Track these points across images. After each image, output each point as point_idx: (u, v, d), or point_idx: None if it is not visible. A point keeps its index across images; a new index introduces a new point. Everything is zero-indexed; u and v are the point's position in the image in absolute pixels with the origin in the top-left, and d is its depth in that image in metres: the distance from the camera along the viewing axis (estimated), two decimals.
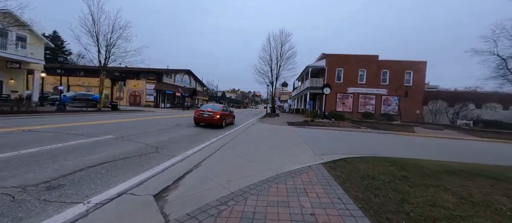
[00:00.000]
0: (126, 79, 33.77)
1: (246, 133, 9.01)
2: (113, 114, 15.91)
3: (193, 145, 6.21)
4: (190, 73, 44.89)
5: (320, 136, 9.31)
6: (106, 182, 3.16)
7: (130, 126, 9.28)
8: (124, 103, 33.81)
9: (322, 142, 7.76)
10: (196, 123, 11.17)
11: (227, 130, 10.22)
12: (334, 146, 6.99)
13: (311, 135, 9.39)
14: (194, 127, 10.28)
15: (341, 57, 24.14)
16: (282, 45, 30.94)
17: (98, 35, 16.88)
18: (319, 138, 8.78)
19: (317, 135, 9.58)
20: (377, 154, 5.76)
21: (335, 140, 8.62)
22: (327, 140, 8.25)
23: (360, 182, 3.23)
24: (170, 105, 36.15)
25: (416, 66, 23.20)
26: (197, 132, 8.89)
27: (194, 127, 10.28)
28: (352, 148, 6.87)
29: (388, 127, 14.04)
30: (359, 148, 6.99)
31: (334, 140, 8.46)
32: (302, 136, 8.98)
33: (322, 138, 8.86)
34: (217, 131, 9.57)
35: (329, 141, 8.05)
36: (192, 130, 9.41)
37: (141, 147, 5.49)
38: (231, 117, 13.27)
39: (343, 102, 24.32)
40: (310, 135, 9.36)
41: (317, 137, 8.91)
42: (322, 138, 8.88)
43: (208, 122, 10.77)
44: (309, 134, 9.91)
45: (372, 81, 23.77)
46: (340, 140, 8.52)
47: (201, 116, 10.84)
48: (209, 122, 10.72)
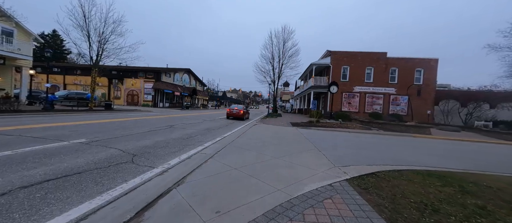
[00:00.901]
0: (123, 78, 32.82)
1: (246, 136, 7.89)
2: (104, 113, 14.87)
3: (182, 151, 5.11)
4: (190, 72, 43.89)
5: (330, 139, 8.17)
6: (28, 218, 2.05)
7: (114, 126, 8.20)
8: (121, 103, 32.88)
9: (335, 146, 6.61)
10: (227, 117, 16.28)
11: (226, 131, 9.12)
12: (352, 152, 5.84)
13: (320, 138, 8.25)
14: (188, 129, 9.19)
15: (347, 55, 22.95)
16: (285, 42, 29.81)
17: (89, 30, 15.86)
18: (331, 141, 7.64)
19: (327, 138, 8.44)
20: (411, 165, 4.63)
21: (350, 144, 7.48)
22: (340, 144, 7.10)
23: (420, 219, 2.10)
24: (169, 105, 35.16)
25: (427, 64, 21.95)
26: (190, 134, 7.80)
27: (188, 129, 9.19)
28: (374, 155, 5.72)
29: (402, 129, 12.85)
30: (383, 155, 5.84)
31: (349, 144, 7.31)
32: (309, 138, 7.85)
33: (333, 141, 7.72)
34: (214, 133, 8.47)
35: (343, 146, 6.90)
36: (186, 131, 8.32)
37: (114, 154, 4.39)
38: (247, 113, 18.43)
39: (349, 102, 23.12)
40: (319, 138, 8.22)
41: (328, 141, 7.77)
42: (334, 141, 7.73)
43: (235, 116, 16.04)
44: (317, 136, 8.78)
45: (380, 79, 22.55)
46: (356, 145, 7.37)
47: (231, 112, 16.17)
48: (236, 116, 16.03)
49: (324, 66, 24.24)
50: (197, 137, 7.21)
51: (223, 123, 13.29)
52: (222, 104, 76.55)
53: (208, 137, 7.38)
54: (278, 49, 30.27)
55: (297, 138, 8.01)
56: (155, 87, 31.62)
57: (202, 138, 7.19)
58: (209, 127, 10.26)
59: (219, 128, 10.26)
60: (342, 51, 23.05)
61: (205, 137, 7.33)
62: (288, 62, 30.20)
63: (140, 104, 32.39)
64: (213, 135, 8.06)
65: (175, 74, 38.24)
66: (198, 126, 10.37)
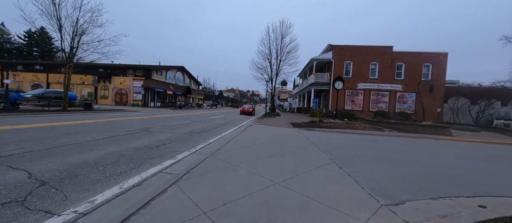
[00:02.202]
0: (111, 76, 30.75)
1: (237, 142, 6.17)
2: (76, 114, 12.99)
3: (135, 171, 3.37)
4: (183, 70, 41.91)
5: (344, 145, 6.49)
6: None
7: (67, 131, 6.40)
8: (109, 103, 30.85)
9: (357, 158, 4.93)
10: (240, 113, 22.48)
11: (213, 135, 7.38)
12: (388, 169, 4.14)
13: (330, 143, 6.57)
14: (165, 133, 7.44)
15: (350, 49, 21.34)
16: (283, 37, 28.18)
17: (60, 17, 13.90)
18: (346, 149, 5.96)
19: (339, 143, 6.76)
20: (484, 190, 2.96)
21: (374, 152, 5.81)
22: (362, 154, 5.42)
23: None
24: (160, 105, 33.22)
25: (436, 58, 20.46)
26: (164, 140, 6.04)
27: (165, 133, 7.44)
28: (423, 173, 4.03)
29: (417, 129, 11.27)
30: (436, 173, 4.12)
31: (373, 154, 5.64)
32: (318, 144, 6.15)
33: (350, 148, 6.04)
34: (196, 138, 6.72)
35: (368, 156, 5.22)
36: (161, 137, 6.56)
37: (9, 183, 2.62)
38: (254, 110, 24.73)
39: (352, 100, 21.54)
40: (328, 143, 6.54)
41: (342, 148, 6.08)
42: (351, 148, 6.05)
43: (247, 113, 22.27)
44: (325, 140, 7.10)
45: (385, 75, 21.00)
46: (383, 154, 5.70)
47: (244, 109, 22.72)
48: (247, 112, 22.37)
49: (325, 61, 22.61)
50: (172, 145, 5.46)
51: (214, 124, 11.54)
52: (219, 103, 74.66)
53: (187, 144, 5.64)
54: (276, 44, 28.62)
55: (302, 143, 6.31)
56: (145, 86, 29.63)
57: (178, 145, 5.44)
58: (194, 130, 8.50)
59: (207, 131, 8.52)
60: (345, 45, 21.43)
61: (182, 144, 5.59)
62: (286, 58, 28.58)
63: (129, 104, 30.39)
64: (195, 140, 6.31)
65: (168, 72, 36.24)
66: (181, 129, 8.61)
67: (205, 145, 5.70)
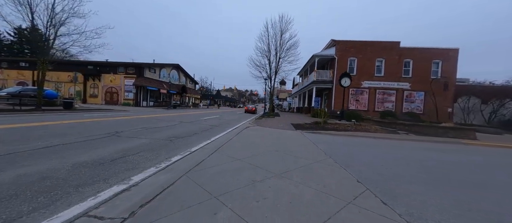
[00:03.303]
0: (101, 73, 29.10)
1: (228, 150, 4.72)
2: (47, 114, 11.47)
3: (67, 202, 1.90)
4: (179, 68, 40.32)
5: (365, 156, 5.07)
6: None
7: (9, 136, 4.90)
8: (98, 102, 29.22)
9: (400, 182, 3.50)
10: (245, 111, 27.56)
11: (199, 141, 5.92)
12: (457, 203, 2.74)
13: (348, 153, 5.15)
14: (134, 141, 5.97)
15: (354, 44, 19.97)
16: (282, 33, 26.74)
17: (31, 3, 12.35)
18: (375, 164, 4.52)
19: (357, 153, 5.34)
20: None
21: (412, 168, 4.40)
22: (401, 173, 3.99)
23: None
24: (153, 104, 31.64)
25: (446, 55, 19.17)
26: (133, 149, 4.58)
27: (134, 141, 5.97)
28: (502, 210, 2.63)
29: (437, 131, 9.90)
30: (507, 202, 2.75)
31: (413, 171, 4.23)
32: (333, 155, 4.73)
33: (379, 164, 4.61)
34: (172, 147, 5.25)
35: (411, 176, 3.80)
36: (130, 143, 5.11)
37: None
38: (256, 109, 30.12)
39: (356, 99, 20.18)
40: (346, 153, 5.12)
41: (367, 161, 4.66)
42: (380, 163, 4.62)
43: (250, 112, 27.36)
44: (339, 148, 5.67)
45: (392, 73, 19.67)
46: (425, 171, 4.29)
47: (248, 109, 28.63)
48: (250, 111, 27.40)
49: (328, 58, 21.22)
50: (137, 157, 3.99)
51: (205, 125, 10.08)
52: (216, 103, 73.09)
53: (158, 155, 4.17)
54: (275, 40, 27.18)
55: (311, 152, 4.88)
56: (137, 84, 28.03)
57: (145, 157, 3.97)
58: (179, 134, 7.04)
59: (193, 135, 7.06)
60: (349, 40, 20.05)
61: (153, 155, 4.12)
62: (286, 55, 27.16)
63: (120, 103, 28.79)
64: (173, 148, 4.86)
65: (162, 70, 34.64)
66: (163, 132, 7.14)
67: (183, 156, 4.24)
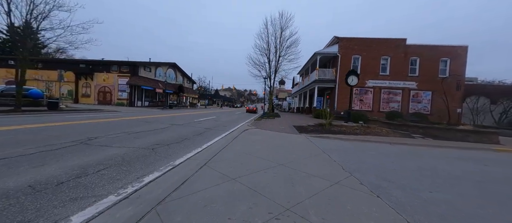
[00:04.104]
0: (93, 72, 27.94)
1: (220, 164, 3.71)
2: (22, 116, 10.41)
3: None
4: (175, 66, 39.19)
5: (391, 167, 4.07)
6: None
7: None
8: (91, 101, 28.07)
9: (467, 215, 2.50)
10: (246, 111, 29.55)
11: (186, 151, 4.91)
12: None
13: (372, 168, 4.14)
14: (111, 148, 4.94)
15: (358, 42, 19.02)
16: (282, 30, 25.79)
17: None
18: (414, 187, 3.52)
19: (381, 166, 4.33)
20: None
21: (471, 196, 3.41)
22: (452, 199, 3.00)
23: None
24: (149, 104, 30.53)
25: (454, 53, 18.27)
26: (97, 163, 3.55)
27: (111, 148, 4.94)
28: None
29: (456, 135, 8.95)
30: None
31: (472, 199, 3.25)
32: (354, 170, 3.72)
33: (420, 186, 3.61)
34: (156, 159, 4.21)
35: (480, 215, 2.81)
36: (99, 155, 4.08)
37: None
38: (257, 109, 32.43)
39: (360, 98, 19.24)
40: (371, 168, 4.11)
41: (399, 179, 3.65)
42: (421, 186, 3.62)
43: (251, 111, 29.38)
44: (356, 158, 4.67)
45: (397, 72, 18.74)
46: (488, 200, 3.31)
47: (249, 109, 30.64)
48: (252, 111, 29.73)
49: (330, 56, 20.25)
50: (96, 177, 2.96)
51: (199, 128, 9.05)
52: (214, 103, 71.99)
53: (128, 174, 3.15)
54: (275, 38, 26.21)
55: (329, 169, 3.87)
56: (131, 83, 26.90)
57: (108, 177, 2.94)
58: (165, 140, 6.01)
59: (183, 141, 6.04)
60: (353, 37, 19.10)
61: (122, 173, 3.09)
62: (286, 53, 26.20)
63: (114, 103, 27.66)
64: (152, 161, 3.83)
65: (157, 68, 33.51)
66: (147, 138, 6.10)
67: (162, 173, 3.23)
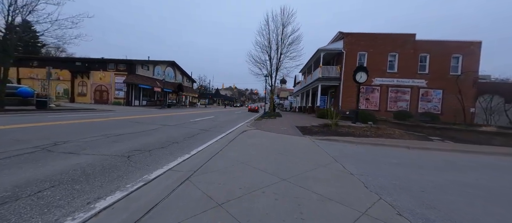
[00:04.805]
0: (89, 70, 27.20)
1: (207, 177, 2.81)
2: (4, 116, 9.58)
3: None
4: (174, 65, 38.39)
5: (425, 184, 3.15)
6: None
7: None
8: (87, 100, 27.34)
9: None
10: (249, 111, 30.06)
11: (175, 156, 4.04)
12: None
13: (401, 184, 3.22)
14: (77, 157, 4.06)
15: (364, 37, 18.04)
16: (284, 27, 24.89)
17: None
18: (452, 200, 2.60)
19: (413, 180, 3.41)
20: None
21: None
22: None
23: None
24: (146, 103, 29.76)
25: (467, 49, 17.24)
26: (38, 182, 2.67)
27: (77, 157, 4.06)
28: None
29: (479, 137, 8.00)
30: None
31: None
32: (383, 190, 2.81)
33: (467, 207, 2.69)
34: (126, 171, 3.34)
35: None
36: (56, 166, 3.21)
37: None
38: (259, 108, 33.83)
39: (366, 97, 18.28)
40: (398, 184, 3.19)
41: (438, 198, 2.73)
42: (470, 209, 2.70)
43: (253, 110, 29.97)
44: (378, 170, 3.76)
45: (406, 69, 17.75)
46: None
47: (251, 108, 31.29)
48: (254, 110, 30.29)
49: (335, 52, 19.30)
50: (12, 207, 2.09)
51: (194, 130, 8.18)
52: (215, 102, 71.22)
53: (72, 199, 2.27)
54: (276, 35, 25.33)
55: (347, 189, 2.95)
56: (128, 82, 26.11)
57: (21, 213, 2.07)
58: (145, 146, 5.14)
59: (170, 145, 5.17)
60: (359, 32, 18.13)
61: (66, 199, 2.22)
62: (288, 51, 25.30)
63: (111, 103, 26.91)
64: (110, 181, 2.95)
65: (156, 67, 32.72)
66: (124, 143, 5.24)
67: (122, 197, 2.35)
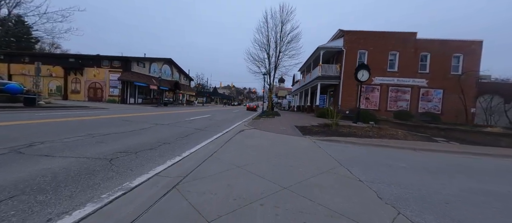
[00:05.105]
0: (83, 67, 26.51)
1: (196, 186, 2.40)
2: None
3: None
4: (171, 62, 37.75)
5: (456, 197, 2.78)
6: None
7: None
8: (81, 98, 26.68)
9: None
10: (247, 109, 29.60)
11: (164, 160, 3.62)
12: None
13: (423, 195, 2.84)
14: (45, 161, 3.61)
15: (365, 35, 17.71)
16: (283, 24, 24.46)
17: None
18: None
19: (433, 191, 3.04)
20: None
21: None
22: None
23: None
24: (142, 101, 29.17)
25: (468, 48, 17.02)
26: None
27: (45, 161, 3.61)
28: None
29: (486, 138, 7.70)
30: None
31: None
32: (401, 204, 2.43)
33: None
34: (100, 182, 2.92)
35: None
36: (23, 172, 2.75)
37: None
38: (257, 107, 32.97)
39: (366, 96, 17.98)
40: (420, 195, 2.81)
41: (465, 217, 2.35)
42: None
43: (252, 109, 29.41)
44: (392, 176, 3.38)
45: (407, 68, 17.48)
46: None
47: (250, 106, 30.56)
48: (252, 109, 29.40)
49: (334, 51, 18.95)
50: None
51: (187, 130, 7.75)
52: (213, 100, 70.65)
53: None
54: (275, 33, 24.91)
55: (362, 206, 2.58)
56: (122, 79, 25.50)
57: None
58: (131, 148, 4.71)
59: (160, 146, 4.75)
60: (359, 30, 17.79)
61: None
62: (287, 49, 24.91)
63: (105, 100, 26.28)
64: (82, 191, 2.52)
65: (152, 64, 32.08)
66: (110, 144, 4.81)
67: (92, 211, 1.94)
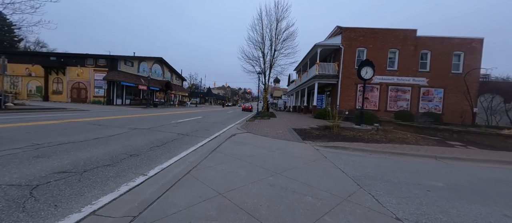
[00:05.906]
0: (65, 66, 24.79)
1: None
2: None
3: None
4: (162, 62, 36.25)
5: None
6: None
7: None
8: (63, 99, 24.95)
9: None
10: (242, 110, 30.35)
11: (118, 185, 2.54)
12: None
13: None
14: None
15: (364, 32, 16.94)
16: (278, 22, 23.51)
17: None
18: None
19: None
20: None
21: None
22: None
23: None
24: (130, 102, 27.63)
25: (468, 46, 16.49)
26: None
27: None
28: None
29: (507, 142, 6.91)
30: None
31: None
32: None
33: None
34: None
35: None
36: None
37: None
38: (252, 107, 33.22)
39: (365, 96, 17.20)
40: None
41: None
42: None
43: (247, 109, 29.96)
44: (428, 203, 2.39)
45: (406, 66, 16.81)
46: None
47: (244, 107, 31.27)
48: (247, 109, 30.27)
49: (332, 48, 18.12)
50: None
51: (169, 135, 6.62)
52: (207, 101, 69.14)
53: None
54: (270, 30, 23.92)
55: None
56: (108, 79, 23.93)
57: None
58: (76, 165, 3.57)
59: (120, 161, 3.63)
60: (358, 27, 17.00)
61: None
62: (282, 47, 23.96)
63: (89, 101, 24.67)
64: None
65: (141, 63, 30.56)
66: (51, 160, 3.66)
67: None
